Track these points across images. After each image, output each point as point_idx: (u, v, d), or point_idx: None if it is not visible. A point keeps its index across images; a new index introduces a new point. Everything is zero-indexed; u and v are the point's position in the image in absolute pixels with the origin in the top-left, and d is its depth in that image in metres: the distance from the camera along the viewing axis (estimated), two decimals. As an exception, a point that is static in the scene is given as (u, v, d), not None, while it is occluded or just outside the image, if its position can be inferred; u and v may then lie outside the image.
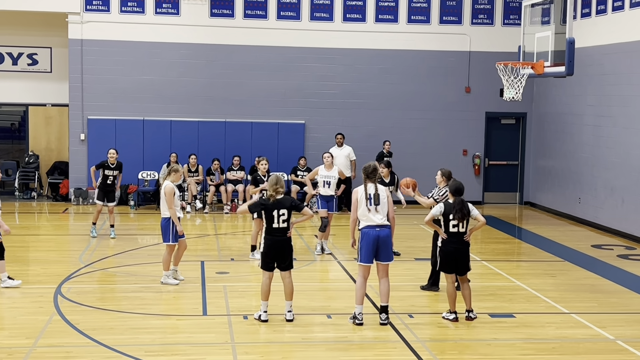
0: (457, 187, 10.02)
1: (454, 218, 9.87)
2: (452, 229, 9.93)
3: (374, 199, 9.66)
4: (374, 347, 9.09)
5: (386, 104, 20.75)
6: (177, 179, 11.70)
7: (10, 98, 20.85)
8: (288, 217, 9.75)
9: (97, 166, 15.40)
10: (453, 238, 9.96)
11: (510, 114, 21.30)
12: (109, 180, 15.31)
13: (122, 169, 15.63)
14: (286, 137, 20.39)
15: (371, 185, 9.71)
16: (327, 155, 14.17)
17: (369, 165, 9.87)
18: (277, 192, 9.72)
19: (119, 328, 9.46)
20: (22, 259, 13.63)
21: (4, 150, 21.51)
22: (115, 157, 15.43)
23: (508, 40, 19.49)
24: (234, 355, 8.56)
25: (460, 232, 9.94)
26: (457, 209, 9.86)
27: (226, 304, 10.61)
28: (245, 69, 20.30)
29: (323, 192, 13.99)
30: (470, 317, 10.07)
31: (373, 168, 9.82)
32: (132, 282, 11.87)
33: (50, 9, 19.68)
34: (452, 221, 9.90)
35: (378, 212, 9.66)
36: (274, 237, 9.74)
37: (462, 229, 9.93)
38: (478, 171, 21.18)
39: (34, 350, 8.58)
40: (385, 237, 9.68)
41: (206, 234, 16.15)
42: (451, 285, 10.04)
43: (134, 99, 20.03)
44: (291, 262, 9.94)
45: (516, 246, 16.10)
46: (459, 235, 9.95)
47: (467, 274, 10.15)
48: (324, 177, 13.94)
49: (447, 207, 9.95)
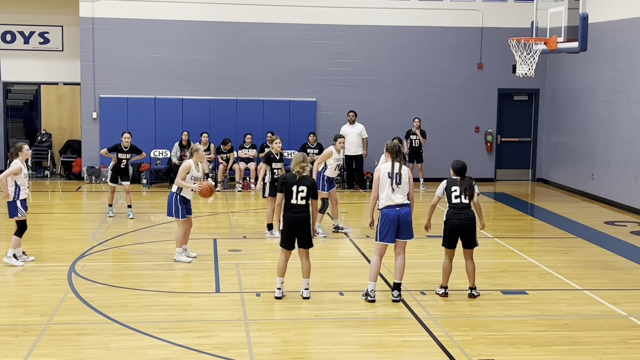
0: (460, 168, 10.01)
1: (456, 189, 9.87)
2: (455, 200, 9.89)
3: (397, 178, 9.68)
4: (386, 324, 9.11)
5: (398, 81, 20.66)
6: (199, 158, 11.73)
7: (22, 77, 20.89)
8: (307, 195, 9.67)
9: (110, 149, 15.32)
10: (456, 210, 9.91)
11: (523, 90, 21.18)
12: (122, 164, 15.24)
13: (138, 150, 15.49)
14: (298, 114, 20.36)
15: (397, 164, 9.74)
16: (342, 141, 13.76)
17: (394, 144, 9.92)
18: (303, 169, 9.71)
19: (133, 305, 9.53)
20: (36, 237, 13.71)
21: (17, 129, 21.58)
22: (129, 141, 15.35)
23: (521, 16, 19.32)
24: (246, 332, 8.61)
25: (462, 203, 9.88)
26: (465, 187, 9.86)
27: (239, 282, 10.66)
28: (257, 47, 20.24)
29: (332, 175, 13.63)
30: (472, 294, 10.06)
31: (398, 147, 9.89)
32: (146, 259, 11.94)
33: (61, -13, 19.67)
34: (454, 192, 9.88)
35: (399, 191, 9.68)
36: (291, 213, 9.69)
37: (464, 200, 9.88)
38: (490, 148, 21.10)
39: (49, 327, 8.65)
40: (405, 215, 9.69)
41: (218, 212, 16.19)
42: (447, 260, 10.05)
43: (145, 77, 20.03)
44: (310, 240, 9.81)
45: (528, 223, 16.07)
46: (461, 207, 9.88)
47: (473, 249, 10.03)
48: (337, 159, 13.63)
49: (450, 182, 9.97)
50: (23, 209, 11.33)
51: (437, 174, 18.44)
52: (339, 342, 8.38)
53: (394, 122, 20.06)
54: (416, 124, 19.55)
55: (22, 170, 11.23)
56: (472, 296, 10.05)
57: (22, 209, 11.31)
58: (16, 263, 11.28)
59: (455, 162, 10.16)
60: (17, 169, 11.17)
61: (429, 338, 8.55)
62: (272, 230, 13.36)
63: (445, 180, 10.10)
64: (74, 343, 8.22)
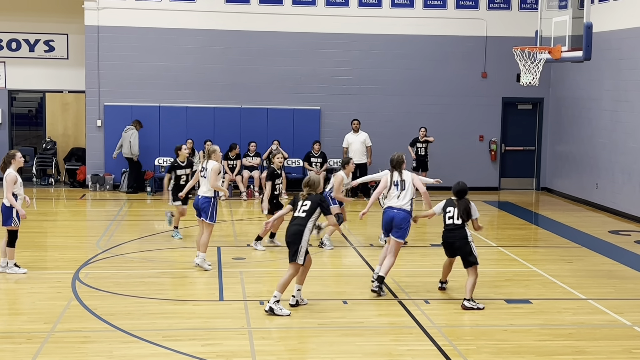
0: (459, 190, 10.16)
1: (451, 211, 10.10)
2: (448, 220, 10.13)
3: (401, 185, 10.56)
4: (389, 332, 9.10)
5: (402, 89, 20.68)
6: (217, 157, 11.96)
7: (27, 85, 20.96)
8: (309, 209, 9.65)
9: (169, 170, 14.17)
10: (448, 231, 10.15)
11: (527, 99, 21.18)
12: (182, 181, 13.88)
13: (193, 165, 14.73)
14: (302, 123, 20.38)
15: (396, 173, 10.60)
16: (352, 164, 13.56)
17: (393, 158, 10.63)
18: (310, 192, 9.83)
19: (137, 313, 9.52)
20: (40, 244, 13.74)
21: (22, 137, 21.64)
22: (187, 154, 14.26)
23: (525, 24, 19.35)
24: (250, 340, 8.60)
25: (455, 224, 10.03)
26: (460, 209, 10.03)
27: (242, 290, 10.66)
28: (261, 55, 20.29)
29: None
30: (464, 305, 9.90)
31: (396, 160, 10.62)
32: (149, 267, 11.94)
33: (67, -5, 19.76)
34: (448, 213, 10.11)
35: (403, 196, 10.50)
36: (291, 224, 9.75)
37: (457, 222, 10.03)
38: (494, 157, 21.09)
39: (53, 335, 8.65)
40: (399, 219, 10.43)
41: (222, 220, 16.20)
42: (448, 261, 10.52)
43: (150, 86, 20.08)
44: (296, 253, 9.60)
45: (533, 232, 16.04)
46: (453, 228, 10.07)
47: (473, 266, 9.98)
48: (346, 184, 13.44)
49: (448, 202, 10.20)
50: (17, 219, 11.18)
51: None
52: (343, 351, 8.37)
53: (398, 131, 20.07)
54: (422, 134, 19.54)
55: (17, 179, 11.14)
56: (464, 307, 9.95)
57: (15, 218, 11.16)
58: (19, 271, 11.28)
59: (455, 184, 10.31)
60: (13, 181, 11.07)
61: (432, 347, 8.53)
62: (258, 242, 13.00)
63: (445, 200, 10.27)
64: (78, 351, 8.22)
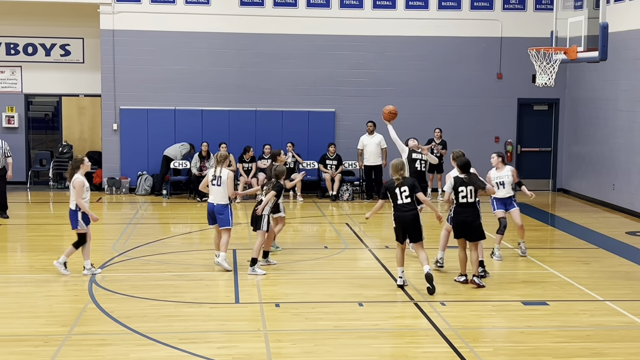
0: (465, 163, 10.87)
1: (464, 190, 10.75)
2: (462, 199, 10.75)
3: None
4: (405, 335, 9.08)
5: (417, 91, 20.65)
6: (232, 163, 12.02)
7: (43, 89, 21.08)
8: (409, 193, 10.56)
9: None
10: (463, 208, 10.79)
11: (543, 100, 21.09)
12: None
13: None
14: (316, 125, 20.39)
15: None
16: (494, 156, 12.94)
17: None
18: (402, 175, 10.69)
19: (153, 316, 9.55)
20: (58, 248, 13.79)
21: (38, 141, 21.77)
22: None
23: (540, 25, 19.27)
24: (266, 342, 8.61)
25: (469, 202, 10.76)
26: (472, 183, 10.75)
27: (258, 292, 10.67)
28: (276, 58, 20.32)
29: (499, 195, 12.61)
30: (474, 281, 10.78)
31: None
32: (165, 270, 11.98)
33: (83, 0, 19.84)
34: (461, 193, 10.74)
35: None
36: (400, 212, 10.60)
37: (470, 199, 10.75)
38: (510, 158, 21.01)
39: (70, 338, 8.69)
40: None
41: (238, 223, 16.22)
42: (462, 251, 10.92)
43: (165, 89, 20.15)
44: (420, 234, 10.71)
45: (549, 233, 15.97)
46: (467, 205, 10.77)
47: (479, 241, 10.91)
48: (495, 178, 12.77)
49: (457, 181, 10.81)
50: (83, 222, 11.36)
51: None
52: (358, 353, 8.36)
53: (412, 133, 19.90)
54: (437, 135, 19.49)
55: (85, 184, 11.34)
56: (475, 282, 10.73)
57: (82, 221, 11.34)
58: (64, 271, 11.42)
59: (458, 157, 11.05)
60: (82, 186, 11.27)
61: (449, 349, 8.50)
62: (254, 267, 11.70)
63: (453, 178, 10.86)
64: (95, 354, 8.25)
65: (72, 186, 11.29)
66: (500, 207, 12.72)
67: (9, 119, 20.73)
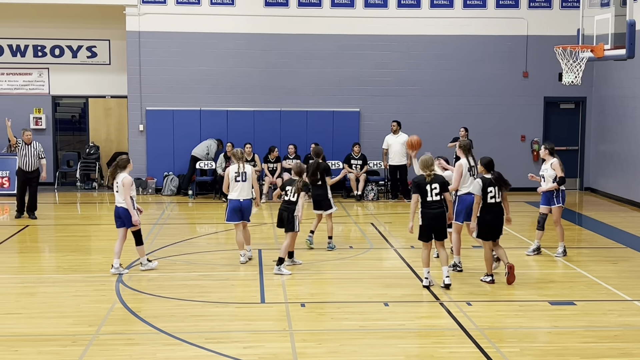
0: (489, 162, 10.95)
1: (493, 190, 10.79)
2: (490, 200, 10.79)
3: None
4: (431, 335, 9.05)
5: (442, 90, 20.58)
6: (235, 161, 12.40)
7: (70, 90, 21.28)
8: (440, 191, 10.58)
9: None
10: (491, 208, 10.81)
11: (569, 99, 20.93)
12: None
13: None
14: (341, 125, 20.38)
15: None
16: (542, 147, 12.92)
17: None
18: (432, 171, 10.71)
19: (179, 315, 9.61)
20: (85, 248, 13.93)
21: (65, 142, 21.97)
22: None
23: (566, 23, 19.14)
24: (292, 342, 8.62)
25: (496, 202, 10.83)
26: (500, 183, 10.79)
27: (284, 292, 10.68)
28: (300, 58, 20.35)
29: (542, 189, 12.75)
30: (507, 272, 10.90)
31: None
32: (191, 270, 12.04)
33: (108, 1, 20.01)
34: (489, 193, 10.77)
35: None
36: (429, 209, 10.57)
37: (498, 200, 10.83)
38: (537, 157, 20.87)
39: (97, 338, 8.76)
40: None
41: (263, 223, 16.27)
42: (488, 251, 10.97)
43: (190, 90, 20.26)
44: (446, 232, 10.86)
45: (577, 233, 15.84)
46: (495, 206, 10.81)
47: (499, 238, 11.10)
48: (542, 170, 12.79)
49: (485, 181, 10.80)
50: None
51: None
52: (384, 353, 8.34)
53: (437, 132, 19.96)
54: (462, 134, 19.38)
55: (133, 182, 11.61)
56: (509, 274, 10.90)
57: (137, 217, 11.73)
58: (151, 265, 11.84)
59: (482, 157, 11.10)
60: (131, 184, 11.49)
61: (475, 349, 8.46)
62: (280, 267, 11.68)
63: (480, 179, 10.89)
64: (122, 353, 8.31)
65: (122, 185, 11.47)
66: (544, 202, 12.81)
67: (36, 120, 20.95)
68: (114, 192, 11.57)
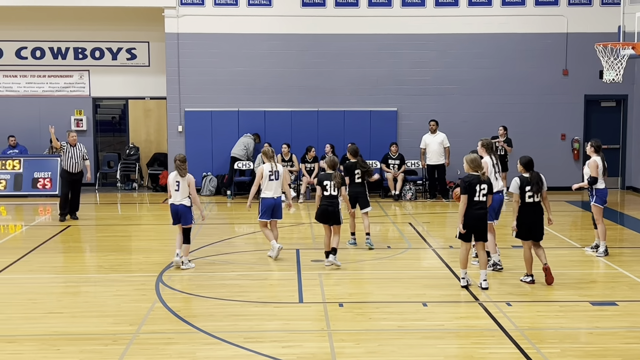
0: (528, 161, 10.80)
1: (530, 190, 10.65)
2: (528, 199, 10.67)
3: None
4: (470, 335, 9.00)
5: (480, 89, 20.45)
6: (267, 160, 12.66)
7: (110, 92, 21.55)
8: (487, 192, 10.56)
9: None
10: (530, 207, 10.68)
11: (610, 97, 20.65)
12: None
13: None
14: (379, 124, 20.36)
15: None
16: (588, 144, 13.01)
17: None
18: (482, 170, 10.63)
19: (218, 315, 9.66)
20: (125, 248, 14.09)
21: (106, 143, 22.24)
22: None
23: (607, 20, 18.89)
24: (330, 342, 8.63)
25: (535, 202, 10.70)
26: (534, 182, 10.64)
27: (322, 292, 10.70)
28: (337, 58, 20.35)
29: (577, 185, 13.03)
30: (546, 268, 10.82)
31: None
32: (230, 269, 12.11)
33: (147, 4, 20.21)
34: (527, 192, 10.65)
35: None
36: (473, 210, 10.49)
37: (536, 199, 10.70)
38: (577, 156, 20.63)
39: (137, 337, 8.85)
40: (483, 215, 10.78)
41: (301, 222, 16.30)
42: (528, 250, 10.87)
43: (228, 91, 20.38)
44: (486, 234, 10.74)
45: (618, 232, 15.62)
46: (534, 205, 10.69)
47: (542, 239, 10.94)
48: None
49: (523, 180, 10.69)
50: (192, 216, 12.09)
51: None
52: (423, 354, 8.31)
53: (476, 131, 19.79)
54: (501, 133, 19.20)
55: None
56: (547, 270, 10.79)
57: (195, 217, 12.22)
58: (190, 265, 12.02)
59: (522, 157, 10.98)
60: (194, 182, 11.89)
61: (515, 350, 8.39)
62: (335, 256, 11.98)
63: (518, 178, 10.75)
64: (162, 352, 8.38)
65: (187, 183, 11.77)
66: (591, 199, 12.76)
67: (77, 122, 21.24)
68: (173, 190, 11.83)
